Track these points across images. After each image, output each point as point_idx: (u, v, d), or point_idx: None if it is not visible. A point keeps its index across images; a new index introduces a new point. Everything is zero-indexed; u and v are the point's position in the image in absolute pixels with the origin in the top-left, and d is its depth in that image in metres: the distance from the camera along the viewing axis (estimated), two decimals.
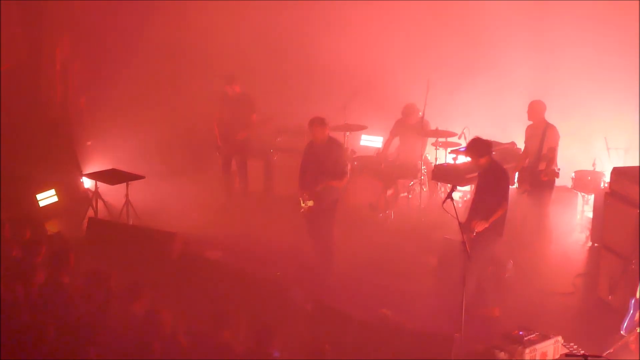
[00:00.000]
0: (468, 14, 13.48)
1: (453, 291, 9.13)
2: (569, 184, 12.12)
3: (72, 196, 12.63)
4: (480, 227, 9.11)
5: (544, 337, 8.25)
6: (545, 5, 13.08)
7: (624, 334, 8.75)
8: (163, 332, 7.36)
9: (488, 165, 9.42)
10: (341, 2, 14.28)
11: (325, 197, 10.18)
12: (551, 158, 11.06)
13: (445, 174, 11.85)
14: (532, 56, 13.17)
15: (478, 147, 9.44)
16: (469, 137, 12.39)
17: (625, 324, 8.79)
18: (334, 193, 10.26)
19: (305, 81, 14.53)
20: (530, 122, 11.38)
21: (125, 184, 11.74)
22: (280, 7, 14.44)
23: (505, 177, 9.45)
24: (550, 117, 11.31)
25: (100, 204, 12.05)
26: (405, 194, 12.65)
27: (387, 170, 12.47)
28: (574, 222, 12.03)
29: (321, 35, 14.26)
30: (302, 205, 10.23)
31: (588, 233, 11.58)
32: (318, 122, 10.19)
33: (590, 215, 11.67)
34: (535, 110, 11.25)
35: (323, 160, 10.17)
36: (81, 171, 12.91)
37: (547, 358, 8.22)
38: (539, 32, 13.19)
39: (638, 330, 8.65)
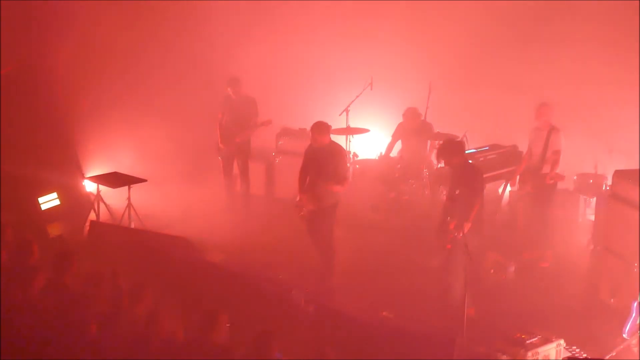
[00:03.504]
0: (471, 15, 13.47)
1: (452, 293, 9.16)
2: (571, 186, 12.10)
3: (74, 199, 12.62)
4: (466, 228, 9.06)
5: (546, 340, 8.24)
6: (548, 6, 13.08)
7: (626, 337, 8.73)
8: (164, 334, 7.35)
9: (461, 164, 9.53)
10: (343, 3, 14.29)
11: (324, 201, 10.12)
12: (555, 161, 11.02)
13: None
14: (535, 58, 13.17)
15: (450, 148, 9.63)
16: (470, 141, 12.52)
17: (628, 327, 8.78)
18: (334, 197, 10.19)
19: (307, 84, 14.53)
20: (536, 125, 11.36)
21: (127, 187, 11.75)
22: (282, 9, 14.45)
23: (479, 174, 9.61)
24: (552, 119, 11.29)
25: (102, 207, 12.06)
26: (408, 196, 12.64)
27: (389, 173, 12.47)
28: (575, 224, 12.01)
29: (324, 37, 14.28)
30: (300, 209, 10.22)
31: (590, 236, 11.55)
32: (319, 127, 10.14)
33: (592, 218, 11.66)
34: (541, 112, 11.17)
35: (324, 165, 10.10)
36: (83, 174, 12.92)
37: None
38: (542, 34, 13.18)
39: None
